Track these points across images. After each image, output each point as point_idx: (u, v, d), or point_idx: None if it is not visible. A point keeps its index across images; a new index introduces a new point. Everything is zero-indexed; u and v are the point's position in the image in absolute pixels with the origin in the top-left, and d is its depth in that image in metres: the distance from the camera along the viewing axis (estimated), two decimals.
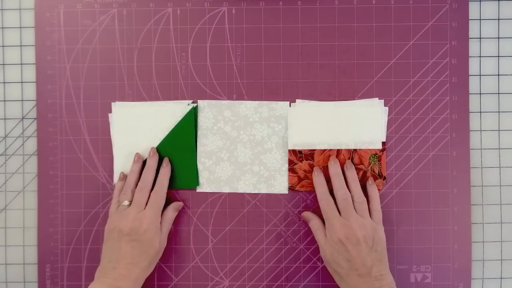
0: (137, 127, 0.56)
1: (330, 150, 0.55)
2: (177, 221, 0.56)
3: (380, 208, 0.53)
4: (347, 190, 0.52)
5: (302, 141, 0.56)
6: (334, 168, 0.54)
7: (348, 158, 0.55)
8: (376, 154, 0.55)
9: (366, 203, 0.52)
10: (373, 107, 0.56)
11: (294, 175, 0.56)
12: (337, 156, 0.55)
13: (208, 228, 0.56)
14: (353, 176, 0.53)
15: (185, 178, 0.56)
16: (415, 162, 0.56)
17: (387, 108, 0.56)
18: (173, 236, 0.56)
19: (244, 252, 0.56)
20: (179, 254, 0.56)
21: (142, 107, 0.56)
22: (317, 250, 0.56)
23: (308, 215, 0.55)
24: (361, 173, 0.55)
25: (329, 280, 0.55)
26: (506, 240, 0.57)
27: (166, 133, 0.56)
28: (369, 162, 0.55)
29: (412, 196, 0.56)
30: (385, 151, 0.56)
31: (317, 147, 0.56)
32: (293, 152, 0.56)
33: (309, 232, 0.56)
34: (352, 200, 0.52)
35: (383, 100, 0.56)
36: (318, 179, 0.54)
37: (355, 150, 0.55)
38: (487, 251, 0.57)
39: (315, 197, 0.56)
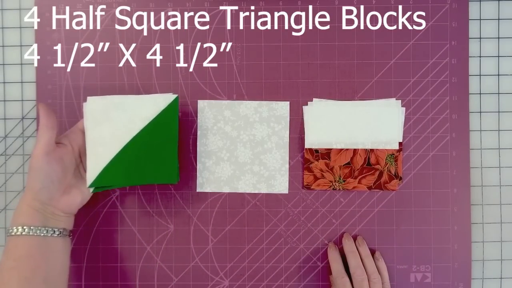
0: (113, 118, 0.51)
1: (347, 149, 0.55)
2: (177, 221, 0.56)
3: (389, 281, 0.54)
4: (364, 270, 0.52)
5: (319, 140, 0.55)
6: (348, 246, 0.54)
7: (365, 158, 0.55)
8: (393, 154, 0.55)
9: (380, 280, 0.52)
10: (390, 107, 0.56)
11: (310, 173, 0.56)
12: (353, 156, 0.55)
13: (208, 228, 0.56)
14: (366, 253, 0.54)
15: (164, 172, 0.51)
16: (415, 162, 0.56)
17: (404, 108, 0.56)
18: (173, 236, 0.56)
19: (244, 252, 0.56)
20: (179, 254, 0.56)
21: (120, 97, 0.52)
22: (317, 250, 0.56)
23: (331, 279, 0.55)
24: (377, 173, 0.55)
25: (329, 280, 0.56)
26: (506, 240, 0.57)
27: (146, 123, 0.51)
28: (385, 162, 0.55)
29: (412, 196, 0.56)
30: (401, 152, 0.56)
31: (334, 146, 0.56)
32: (309, 150, 0.56)
33: (309, 232, 0.56)
34: (368, 279, 0.52)
35: (400, 101, 0.56)
36: (333, 255, 0.54)
37: (371, 150, 0.55)
38: (487, 251, 0.57)
39: (315, 197, 0.56)
